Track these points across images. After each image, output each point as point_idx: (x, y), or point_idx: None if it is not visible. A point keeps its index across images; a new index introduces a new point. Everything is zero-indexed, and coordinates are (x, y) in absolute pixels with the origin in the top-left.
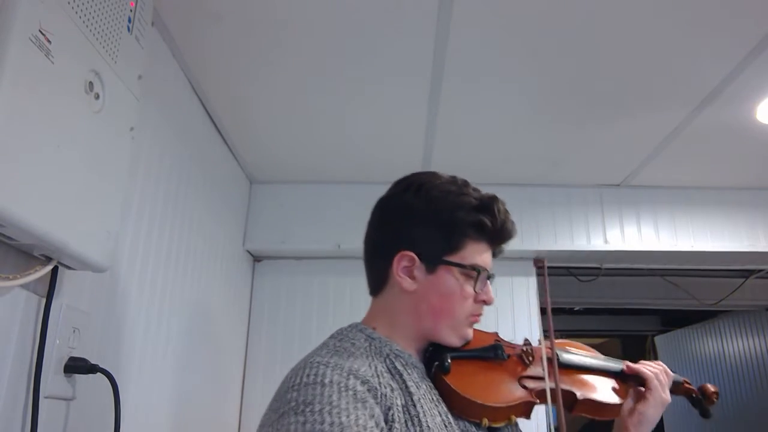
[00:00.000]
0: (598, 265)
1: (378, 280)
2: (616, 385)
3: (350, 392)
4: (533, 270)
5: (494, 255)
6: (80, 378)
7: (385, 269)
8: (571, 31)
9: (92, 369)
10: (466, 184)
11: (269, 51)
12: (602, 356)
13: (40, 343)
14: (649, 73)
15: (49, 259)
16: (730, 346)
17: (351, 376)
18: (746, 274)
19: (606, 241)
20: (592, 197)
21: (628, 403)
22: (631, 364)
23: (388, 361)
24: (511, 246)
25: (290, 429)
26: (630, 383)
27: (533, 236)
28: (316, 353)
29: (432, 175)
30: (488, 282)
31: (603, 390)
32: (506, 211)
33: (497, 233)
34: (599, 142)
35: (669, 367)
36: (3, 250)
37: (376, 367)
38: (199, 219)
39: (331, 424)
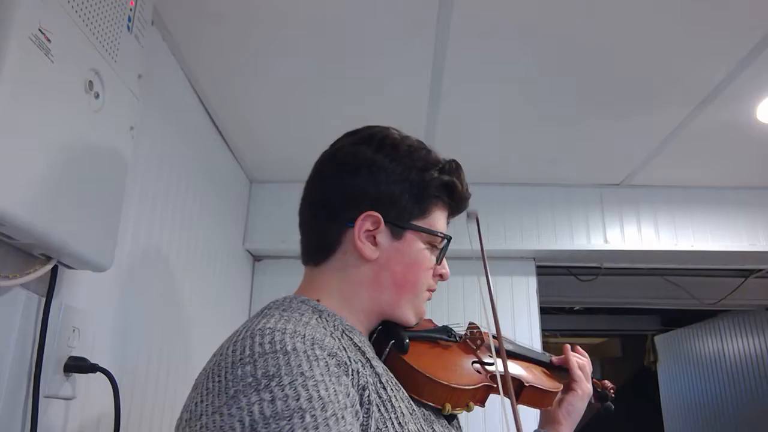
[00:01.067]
0: (598, 265)
1: (325, 245)
2: (550, 375)
3: (321, 362)
4: (533, 269)
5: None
6: (80, 378)
7: (336, 232)
8: (571, 31)
9: (92, 368)
10: (422, 142)
11: (269, 51)
12: (528, 347)
13: (39, 342)
14: (649, 73)
15: (48, 259)
16: (730, 345)
17: (315, 346)
18: (746, 273)
19: (606, 241)
20: (592, 197)
21: (558, 394)
22: (556, 358)
23: (345, 336)
24: (511, 245)
25: (254, 411)
26: (558, 373)
27: (533, 236)
28: (259, 321)
29: (389, 129)
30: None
31: (543, 378)
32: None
33: (462, 199)
34: (599, 141)
35: (668, 367)
36: (3, 249)
37: (338, 339)
38: (199, 219)
39: (309, 399)
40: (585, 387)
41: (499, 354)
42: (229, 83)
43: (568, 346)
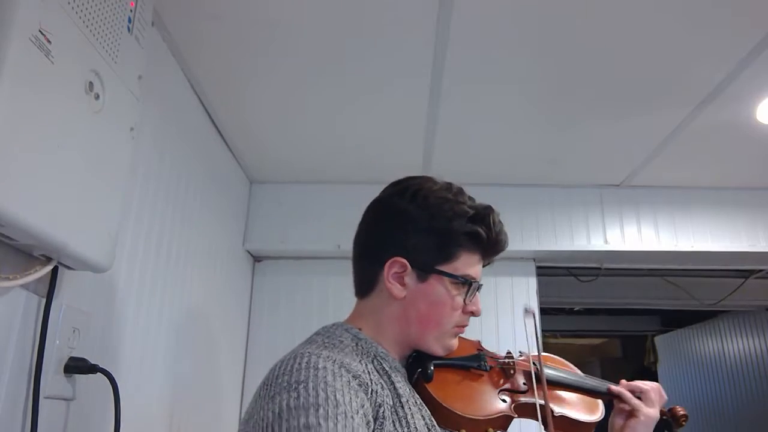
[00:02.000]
0: (598, 265)
1: (366, 282)
2: (592, 403)
3: (345, 379)
4: (533, 270)
5: (484, 266)
6: (80, 378)
7: (374, 273)
8: (572, 32)
9: (92, 369)
10: (461, 192)
11: (269, 51)
12: (581, 373)
13: (40, 343)
14: (649, 73)
15: (49, 259)
16: (730, 346)
17: (343, 369)
18: (746, 274)
19: (606, 241)
20: (592, 197)
21: (619, 421)
22: (614, 387)
23: (376, 361)
24: (511, 246)
25: (282, 405)
26: (614, 399)
27: (533, 236)
28: (304, 346)
29: (428, 181)
30: (477, 293)
31: (578, 407)
32: (501, 223)
33: (491, 245)
34: (599, 142)
35: (668, 367)
36: (3, 250)
37: (366, 365)
38: (199, 219)
39: (326, 399)
40: (647, 413)
41: (536, 383)
42: (229, 84)
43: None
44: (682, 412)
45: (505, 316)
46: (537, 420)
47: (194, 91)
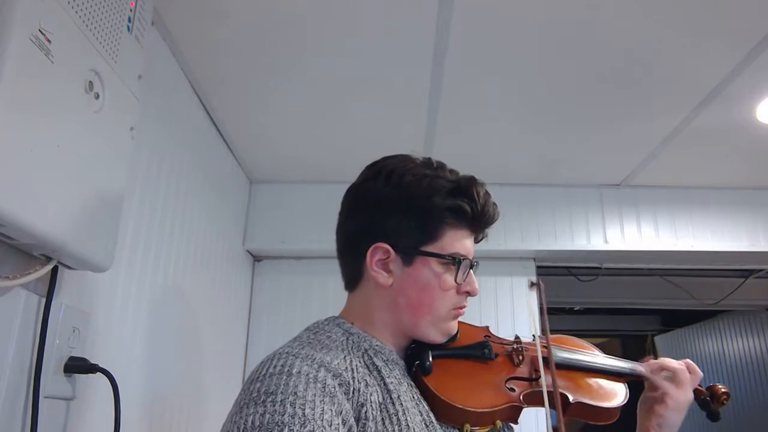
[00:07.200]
0: (598, 265)
1: (353, 274)
2: (614, 387)
3: (319, 384)
4: (533, 270)
5: (477, 241)
6: (80, 378)
7: (359, 263)
8: (572, 31)
9: (92, 369)
10: (442, 166)
11: (269, 51)
12: (602, 354)
13: (40, 342)
14: (649, 74)
15: (49, 259)
16: (730, 345)
17: (322, 368)
18: (746, 274)
19: (606, 241)
20: (592, 197)
21: (645, 407)
22: (638, 369)
23: (366, 356)
24: (512, 246)
25: (248, 421)
26: (637, 381)
27: (533, 236)
28: (288, 344)
29: (404, 159)
30: (471, 271)
31: (597, 392)
32: (487, 193)
33: (478, 217)
34: (599, 142)
35: None
36: (3, 250)
37: (351, 361)
38: (199, 219)
39: (293, 415)
40: (678, 396)
41: (545, 368)
42: (229, 83)
43: (655, 361)
44: (723, 390)
45: (505, 316)
46: (551, 408)
47: (194, 91)
